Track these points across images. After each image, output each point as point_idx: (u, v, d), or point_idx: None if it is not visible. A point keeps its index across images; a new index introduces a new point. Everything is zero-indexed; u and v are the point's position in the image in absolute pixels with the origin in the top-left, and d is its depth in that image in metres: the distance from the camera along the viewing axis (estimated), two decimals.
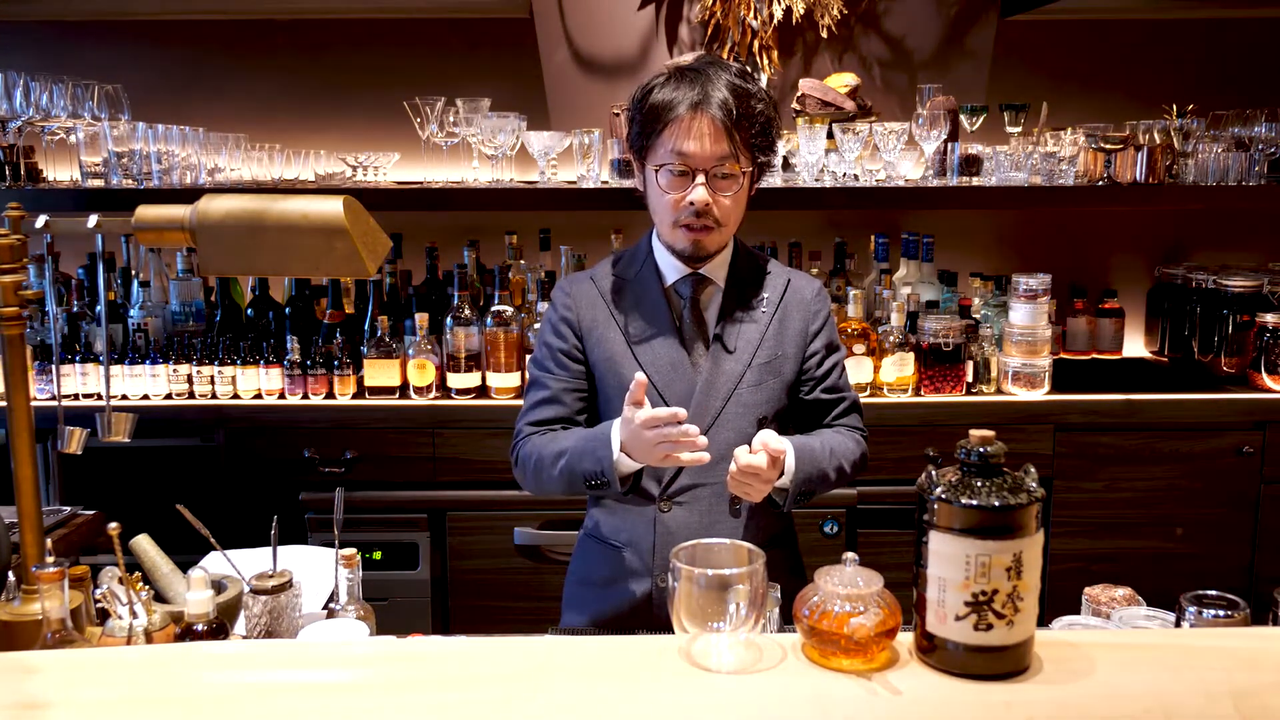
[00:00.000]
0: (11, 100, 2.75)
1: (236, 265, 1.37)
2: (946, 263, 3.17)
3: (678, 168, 1.67)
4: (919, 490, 1.13)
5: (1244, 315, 2.98)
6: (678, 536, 1.70)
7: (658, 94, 1.68)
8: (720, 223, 1.70)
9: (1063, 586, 1.79)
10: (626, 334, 1.77)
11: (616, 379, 1.76)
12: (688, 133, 1.65)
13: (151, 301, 2.96)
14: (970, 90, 3.03)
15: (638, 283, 1.80)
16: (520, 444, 1.80)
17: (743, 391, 1.74)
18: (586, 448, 1.68)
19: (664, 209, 1.71)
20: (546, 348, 1.82)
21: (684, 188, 1.67)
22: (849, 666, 1.12)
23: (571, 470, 1.69)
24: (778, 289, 1.81)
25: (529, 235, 3.09)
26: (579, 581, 1.87)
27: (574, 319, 1.80)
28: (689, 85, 1.66)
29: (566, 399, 1.80)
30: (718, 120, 1.64)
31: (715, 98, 1.65)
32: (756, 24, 3.00)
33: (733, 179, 1.68)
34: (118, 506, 1.97)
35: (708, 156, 1.65)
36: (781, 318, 1.79)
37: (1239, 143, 2.93)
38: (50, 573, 1.23)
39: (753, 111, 1.68)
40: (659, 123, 1.67)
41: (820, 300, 1.84)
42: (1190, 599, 1.36)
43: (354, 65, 3.32)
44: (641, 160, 1.74)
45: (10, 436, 1.35)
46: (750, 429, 1.72)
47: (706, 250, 1.73)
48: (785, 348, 1.78)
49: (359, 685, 1.13)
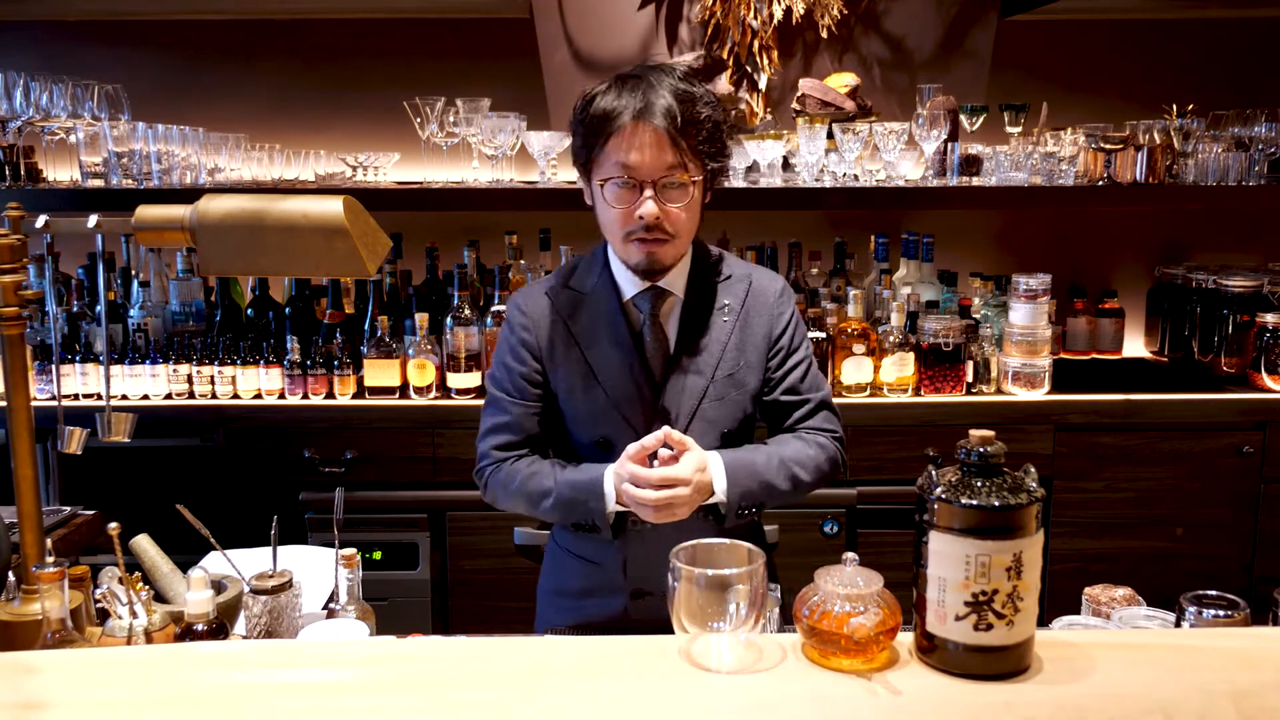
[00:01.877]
0: (11, 100, 2.75)
1: (236, 265, 1.37)
2: (946, 263, 3.17)
3: (624, 180, 1.60)
4: (919, 490, 1.13)
5: (1244, 315, 2.98)
6: (647, 551, 1.69)
7: (599, 103, 1.61)
8: (673, 234, 1.63)
9: (1063, 586, 1.79)
10: (586, 355, 1.71)
11: (580, 402, 1.72)
12: (632, 144, 1.58)
13: (151, 301, 2.96)
14: (970, 90, 3.03)
15: (594, 298, 1.73)
16: (489, 470, 1.76)
17: (706, 407, 1.70)
18: (576, 497, 1.66)
19: (613, 223, 1.64)
20: (505, 370, 1.76)
21: (632, 200, 1.61)
22: (849, 666, 1.12)
23: (557, 514, 1.70)
24: (739, 294, 1.75)
25: (529, 235, 3.09)
26: (552, 592, 1.85)
27: (532, 341, 1.74)
28: (630, 93, 1.59)
29: (528, 424, 1.76)
30: (662, 129, 1.57)
31: (658, 105, 1.57)
32: (756, 24, 3.00)
33: (682, 189, 1.61)
34: (118, 506, 1.97)
35: (654, 167, 1.58)
36: (744, 325, 1.74)
37: (1239, 143, 2.93)
38: (50, 573, 1.23)
39: (698, 117, 1.60)
40: (602, 134, 1.60)
41: (783, 301, 1.78)
42: (1190, 599, 1.36)
43: (354, 65, 3.32)
44: (587, 174, 1.67)
45: (10, 436, 1.35)
46: (714, 444, 1.70)
47: (662, 263, 1.67)
48: (747, 356, 1.73)
49: (359, 685, 1.13)
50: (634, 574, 1.72)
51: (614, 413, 1.70)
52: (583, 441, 1.75)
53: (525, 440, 1.76)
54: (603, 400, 1.70)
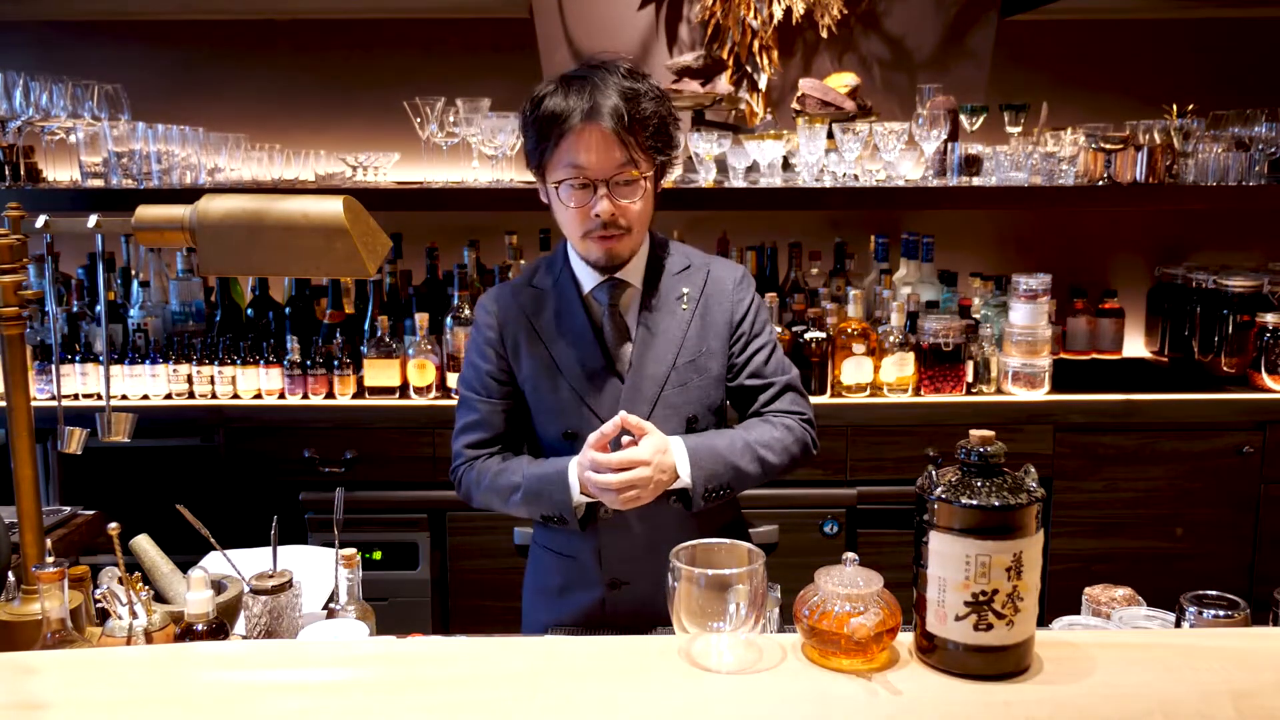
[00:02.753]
0: (11, 100, 2.75)
1: (236, 265, 1.37)
2: (946, 263, 3.17)
3: (578, 181, 1.64)
4: (919, 490, 1.13)
5: (1244, 315, 2.98)
6: (620, 542, 1.73)
7: (548, 104, 1.64)
8: (628, 228, 1.67)
9: (1063, 586, 1.78)
10: (550, 349, 1.75)
11: (544, 395, 1.75)
12: (583, 145, 1.61)
13: (151, 301, 2.96)
14: (970, 90, 3.03)
15: (556, 293, 1.77)
16: (462, 469, 1.80)
17: (668, 393, 1.72)
18: (542, 490, 1.69)
19: (571, 222, 1.68)
20: (473, 369, 1.80)
21: (587, 200, 1.65)
22: (849, 666, 1.12)
23: (525, 507, 1.72)
24: (698, 283, 1.78)
25: (529, 235, 3.09)
26: (535, 590, 1.89)
27: (496, 339, 1.78)
28: (578, 94, 1.62)
29: (496, 421, 1.79)
30: (609, 129, 1.60)
31: (605, 106, 1.61)
32: (756, 24, 3.00)
33: (634, 185, 1.65)
34: (118, 506, 1.97)
35: (606, 166, 1.62)
36: (703, 312, 1.76)
37: (1239, 143, 2.93)
38: (50, 573, 1.23)
39: (644, 114, 1.64)
40: (552, 136, 1.63)
41: (742, 288, 1.80)
42: (1190, 599, 1.36)
43: (354, 65, 3.33)
44: (541, 174, 1.70)
45: (10, 436, 1.35)
46: (679, 430, 1.72)
47: (620, 257, 1.71)
48: (709, 343, 1.76)
49: (359, 685, 1.13)
50: (609, 565, 1.74)
51: (579, 404, 1.73)
52: (551, 436, 1.77)
53: (496, 438, 1.80)
54: (567, 392, 1.73)
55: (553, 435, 1.76)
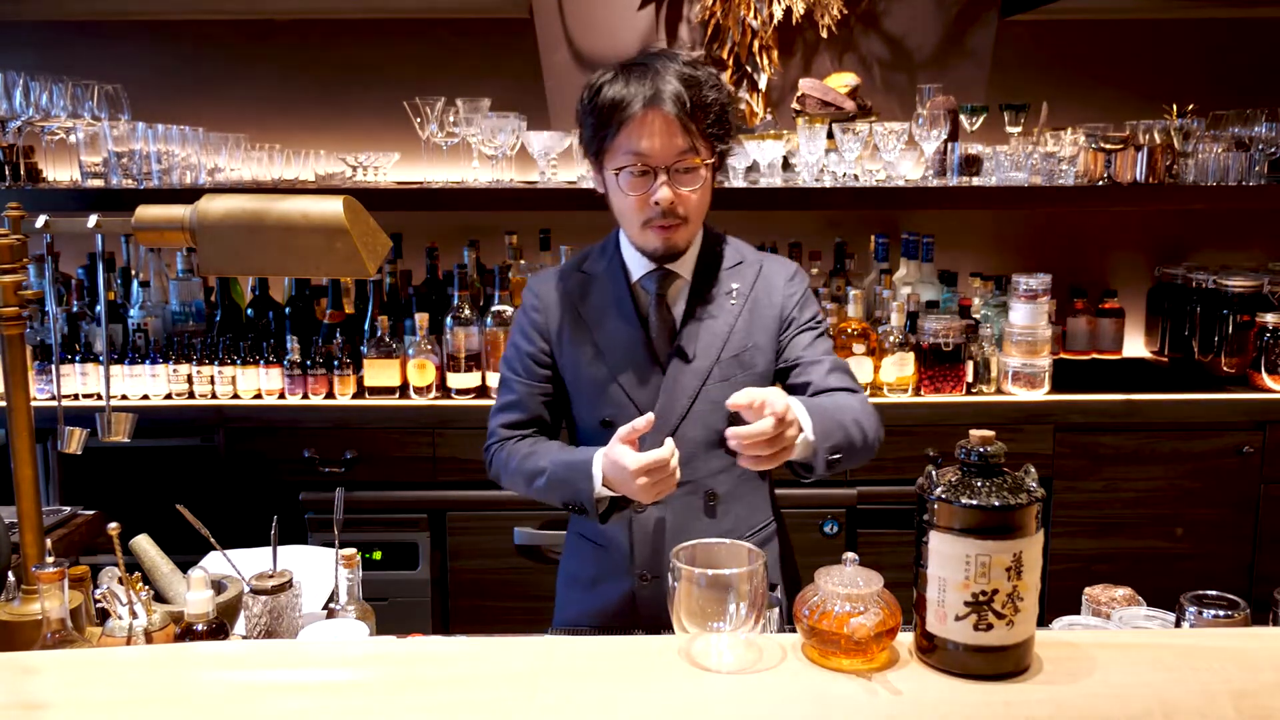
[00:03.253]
0: (11, 100, 2.75)
1: (236, 265, 1.37)
2: (946, 263, 3.17)
3: (638, 168, 1.62)
4: (919, 490, 1.13)
5: (1244, 315, 2.98)
6: (654, 536, 1.72)
7: (608, 92, 1.63)
8: (688, 217, 1.67)
9: (1063, 586, 1.78)
10: (593, 336, 1.74)
11: (585, 382, 1.75)
12: (644, 131, 1.60)
13: (151, 301, 2.96)
14: (970, 90, 3.03)
15: (604, 280, 1.77)
16: (494, 447, 1.81)
17: (710, 388, 1.70)
18: (566, 476, 1.67)
19: (629, 211, 1.67)
20: (515, 350, 1.80)
21: (646, 187, 1.63)
22: (849, 666, 1.12)
23: (549, 493, 1.71)
24: (748, 279, 1.76)
25: (529, 235, 3.09)
26: (568, 580, 1.88)
27: (542, 322, 1.78)
28: (639, 81, 1.61)
29: (533, 404, 1.79)
30: (672, 115, 1.59)
31: (667, 92, 1.60)
32: (756, 24, 3.00)
33: (694, 172, 1.64)
34: (118, 506, 1.97)
35: (667, 153, 1.61)
36: (752, 308, 1.74)
37: (1239, 143, 2.93)
38: (50, 573, 1.23)
39: (706, 101, 1.63)
40: (613, 123, 1.62)
41: (794, 284, 1.78)
42: (1190, 599, 1.36)
43: (354, 65, 3.32)
44: (599, 163, 1.69)
45: (10, 436, 1.35)
46: (720, 424, 1.67)
47: (678, 248, 1.70)
48: (756, 338, 1.74)
49: (359, 685, 1.13)
50: (640, 558, 1.73)
51: (618, 392, 1.71)
52: (588, 423, 1.77)
53: (531, 421, 1.79)
54: (607, 380, 1.72)
55: (590, 422, 1.76)
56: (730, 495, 1.74)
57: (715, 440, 1.67)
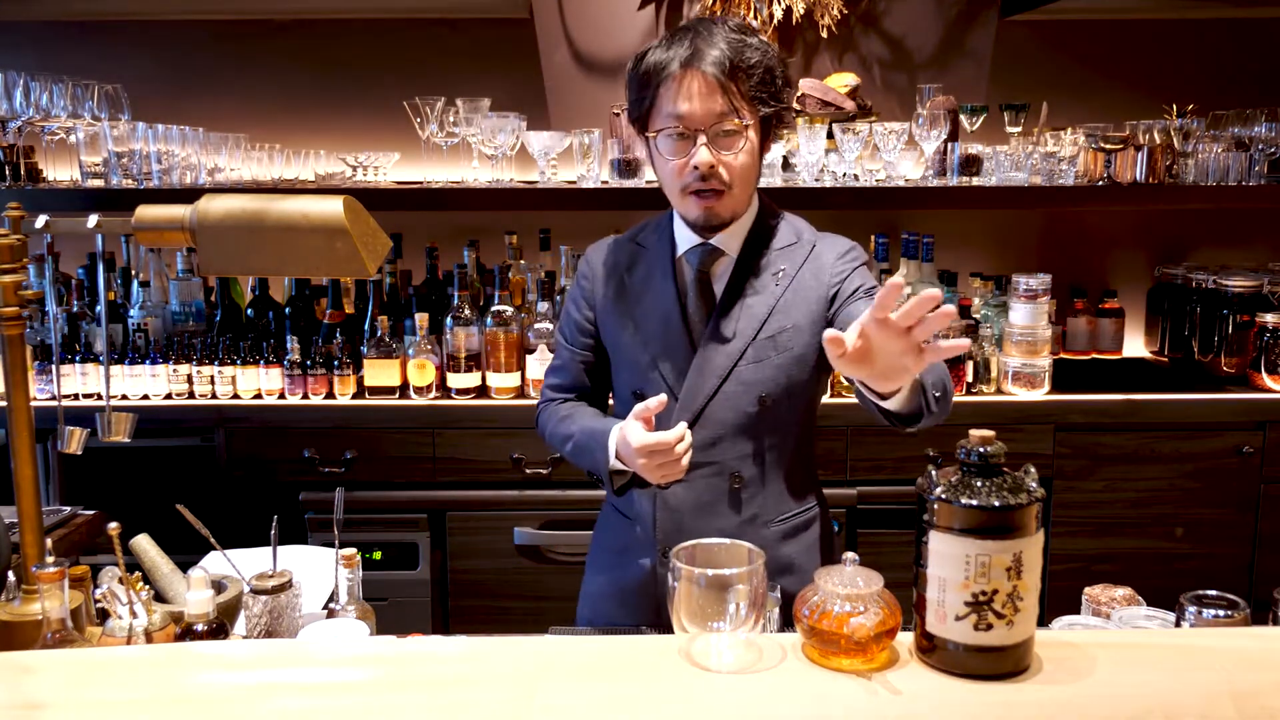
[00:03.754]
0: (11, 100, 2.75)
1: (236, 265, 1.37)
2: (946, 263, 3.17)
3: (676, 130, 1.58)
4: (919, 490, 1.13)
5: (1244, 315, 2.98)
6: (678, 513, 1.70)
7: (650, 57, 1.61)
8: (730, 185, 1.61)
9: (1063, 586, 1.79)
10: (633, 307, 1.73)
11: (621, 351, 1.76)
12: (682, 92, 1.57)
13: (151, 301, 2.96)
14: (970, 90, 3.03)
15: (653, 252, 1.75)
16: (541, 408, 1.86)
17: (741, 369, 1.66)
18: (587, 444, 1.69)
19: (669, 176, 1.63)
20: (567, 315, 1.83)
21: (686, 151, 1.59)
22: (849, 666, 1.12)
23: (575, 458, 1.76)
24: (798, 259, 1.69)
25: (529, 235, 3.09)
26: (599, 547, 1.89)
27: (590, 290, 1.79)
28: (680, 44, 1.59)
29: (575, 370, 1.82)
30: (711, 75, 1.55)
31: (708, 53, 1.56)
32: (756, 24, 3.00)
33: (736, 136, 1.59)
34: (118, 506, 1.97)
35: (706, 115, 1.57)
36: (796, 287, 1.67)
37: (1239, 143, 2.93)
38: (50, 573, 1.22)
39: (749, 62, 1.58)
40: (651, 86, 1.60)
41: (846, 260, 1.70)
42: (1190, 599, 1.36)
43: (354, 65, 3.32)
44: (643, 132, 1.66)
45: (10, 436, 1.35)
46: (751, 408, 1.66)
47: (720, 217, 1.65)
48: (795, 318, 1.66)
49: (359, 685, 1.13)
50: (663, 534, 1.71)
51: (649, 366, 1.70)
52: (623, 393, 1.78)
53: (573, 386, 1.83)
54: (640, 352, 1.72)
55: (624, 392, 1.78)
56: (757, 479, 1.70)
57: (745, 422, 1.66)
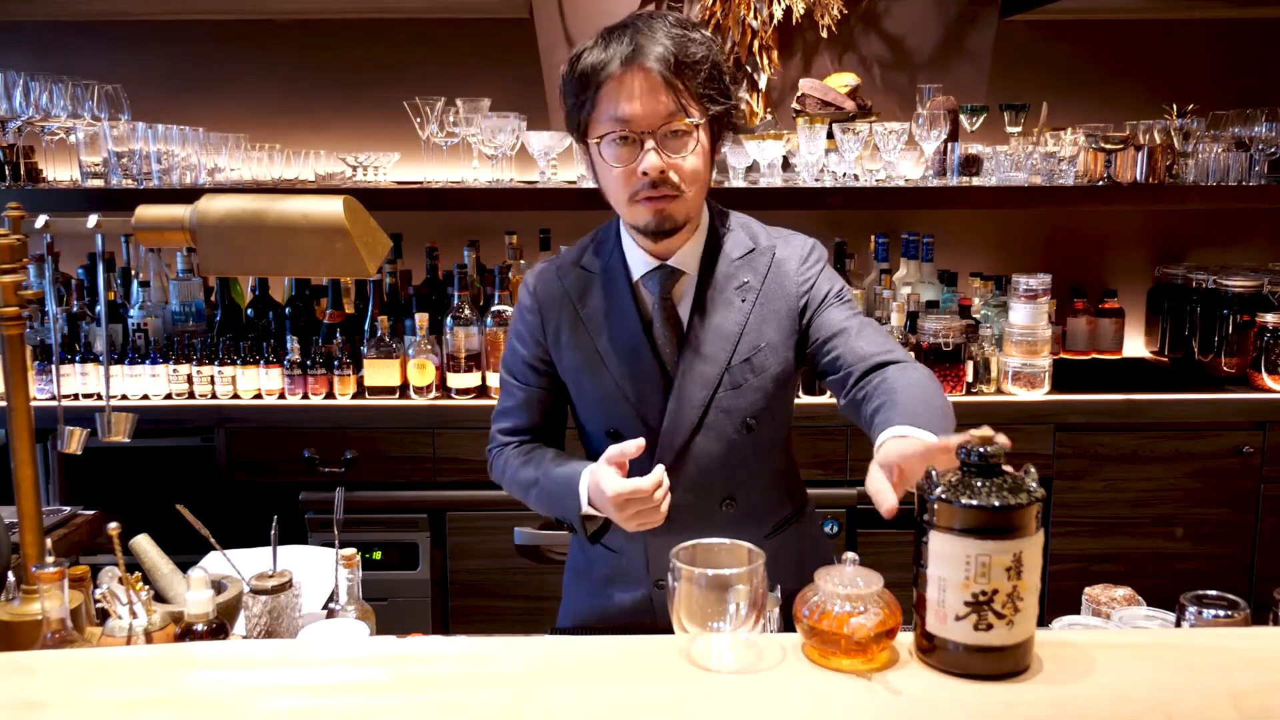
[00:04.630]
0: (11, 100, 2.75)
1: (236, 265, 1.37)
2: (946, 263, 3.17)
3: (620, 134, 1.46)
4: (919, 490, 1.13)
5: (1244, 315, 2.98)
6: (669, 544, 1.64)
7: (586, 58, 1.48)
8: (682, 187, 1.49)
9: (1063, 586, 1.79)
10: (594, 340, 1.61)
11: (587, 389, 1.63)
12: (624, 93, 1.45)
13: (151, 301, 2.96)
14: (970, 90, 3.03)
15: (604, 278, 1.61)
16: (493, 453, 1.73)
17: (721, 397, 1.57)
18: (554, 491, 1.58)
19: (616, 185, 1.51)
20: (512, 353, 1.69)
21: (632, 157, 1.47)
22: (849, 666, 1.12)
23: (540, 506, 1.64)
24: (760, 270, 1.60)
25: (529, 235, 3.09)
26: (578, 573, 1.79)
27: (536, 324, 1.65)
28: (619, 41, 1.47)
29: (530, 410, 1.69)
30: (655, 74, 1.44)
31: (651, 50, 1.44)
32: (756, 24, 3.00)
33: (686, 136, 1.47)
34: (118, 506, 1.97)
35: (652, 116, 1.45)
36: (764, 302, 1.59)
37: (1239, 143, 2.93)
38: (50, 573, 1.22)
39: (694, 58, 1.46)
40: (590, 88, 1.47)
41: (807, 265, 1.61)
42: (1190, 599, 1.36)
43: (354, 65, 3.32)
44: (583, 137, 1.53)
45: (10, 436, 1.35)
46: (737, 435, 1.59)
47: (675, 221, 1.52)
48: (767, 336, 1.58)
49: (359, 685, 1.13)
50: (655, 564, 1.63)
51: (623, 403, 1.59)
52: (594, 433, 1.67)
53: (528, 427, 1.70)
54: (612, 389, 1.60)
55: (596, 433, 1.65)
56: (749, 498, 1.64)
57: (732, 449, 1.59)
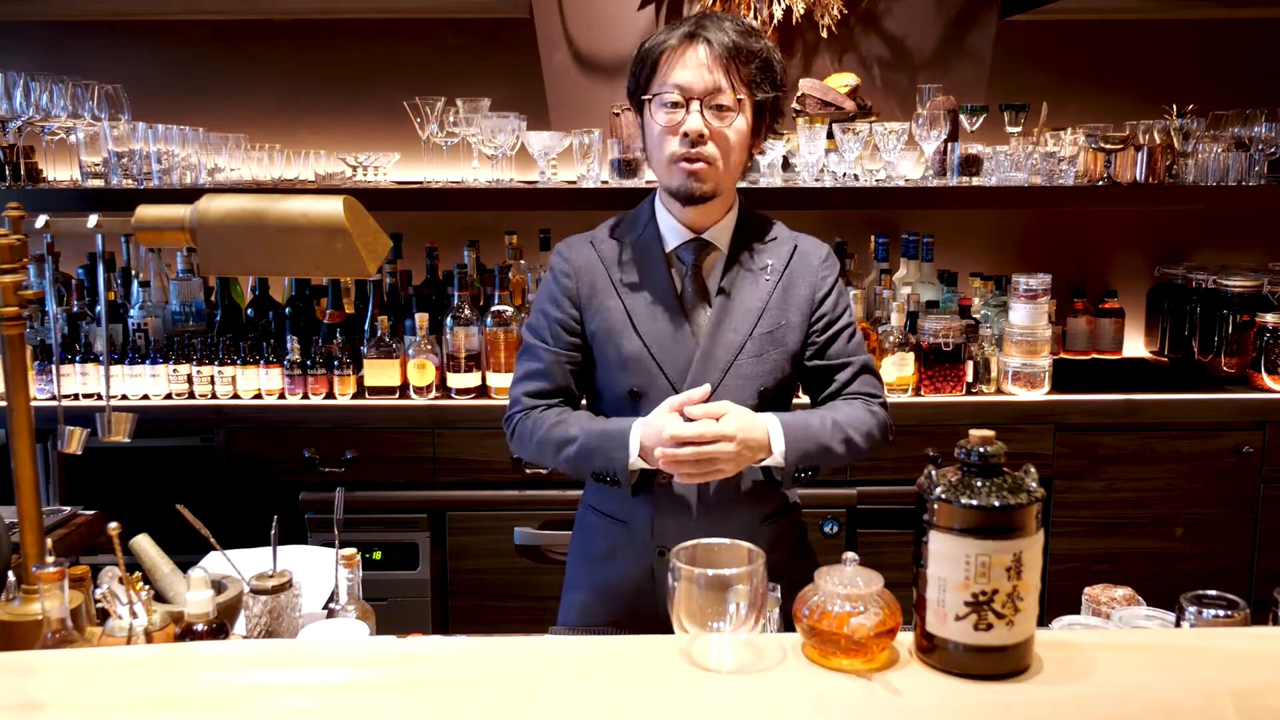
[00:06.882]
0: (11, 100, 2.75)
1: (236, 265, 1.37)
2: (946, 263, 3.17)
3: (671, 98, 1.62)
4: (919, 490, 1.13)
5: (1244, 315, 2.98)
6: (677, 509, 1.70)
7: (654, 38, 1.68)
8: (717, 159, 1.64)
9: (1063, 586, 1.79)
10: (625, 303, 1.72)
11: (615, 350, 1.72)
12: (679, 62, 1.62)
13: (151, 301, 2.96)
14: (970, 90, 3.04)
15: (638, 248, 1.75)
16: (518, 417, 1.77)
17: (742, 363, 1.69)
18: (599, 445, 1.66)
19: (658, 145, 1.66)
20: (543, 316, 1.77)
21: (677, 119, 1.63)
22: (849, 666, 1.12)
23: (579, 462, 1.68)
24: (783, 255, 1.75)
25: (529, 235, 3.09)
26: (580, 555, 1.85)
27: (572, 287, 1.75)
28: (685, 25, 1.66)
29: (559, 372, 1.76)
30: (711, 51, 1.61)
31: (713, 35, 1.62)
32: (756, 24, 3.00)
33: (728, 112, 1.63)
34: (118, 506, 1.97)
35: (702, 85, 1.61)
36: (787, 285, 1.74)
37: (1239, 143, 2.93)
38: (50, 573, 1.22)
39: (751, 49, 1.64)
40: (652, 57, 1.65)
41: (827, 266, 1.78)
42: (1190, 599, 1.36)
43: (354, 65, 3.32)
44: (640, 109, 1.70)
45: (10, 436, 1.35)
46: (751, 401, 1.68)
47: (704, 189, 1.66)
48: (789, 315, 1.73)
49: (359, 685, 1.13)
50: (660, 531, 1.70)
51: (649, 363, 1.70)
52: (614, 392, 1.74)
53: (557, 390, 1.76)
54: (638, 349, 1.70)
55: (616, 392, 1.74)
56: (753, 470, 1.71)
57: None
